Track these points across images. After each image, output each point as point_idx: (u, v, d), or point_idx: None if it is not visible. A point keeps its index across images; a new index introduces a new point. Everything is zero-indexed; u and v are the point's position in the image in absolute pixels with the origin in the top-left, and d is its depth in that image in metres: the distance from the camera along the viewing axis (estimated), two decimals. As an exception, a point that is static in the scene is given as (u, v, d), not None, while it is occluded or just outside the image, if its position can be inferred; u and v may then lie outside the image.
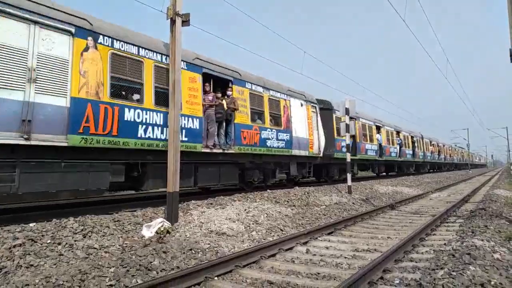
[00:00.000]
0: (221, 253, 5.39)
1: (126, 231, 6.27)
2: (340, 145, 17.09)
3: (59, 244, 5.20)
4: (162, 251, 5.11)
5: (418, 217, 9.15)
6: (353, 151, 17.83)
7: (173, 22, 7.49)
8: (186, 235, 6.32)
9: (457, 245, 5.22)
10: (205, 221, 7.08)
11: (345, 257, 5.34)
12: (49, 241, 5.21)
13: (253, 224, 7.26)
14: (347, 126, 13.49)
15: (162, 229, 6.24)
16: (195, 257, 5.13)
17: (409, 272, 4.50)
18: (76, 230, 5.74)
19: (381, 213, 9.69)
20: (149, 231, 6.22)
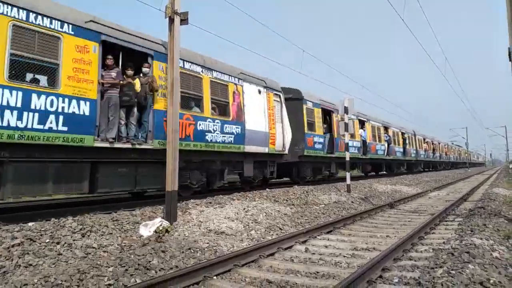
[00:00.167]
0: (220, 252, 5.38)
1: (125, 231, 6.26)
2: (313, 141, 15.06)
3: (57, 243, 5.18)
4: (160, 250, 5.10)
5: (417, 215, 9.15)
6: (329, 148, 16.57)
7: (171, 20, 7.46)
8: (185, 234, 6.31)
9: (456, 244, 5.22)
10: (204, 220, 7.07)
11: (344, 256, 5.34)
12: (47, 240, 5.20)
13: (252, 223, 7.26)
14: (346, 125, 13.48)
15: (160, 229, 6.23)
16: (194, 256, 5.13)
17: (408, 270, 4.50)
18: (74, 229, 5.72)
19: (380, 211, 9.69)
20: (147, 230, 6.21)
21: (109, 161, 7.64)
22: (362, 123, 20.97)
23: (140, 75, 8.28)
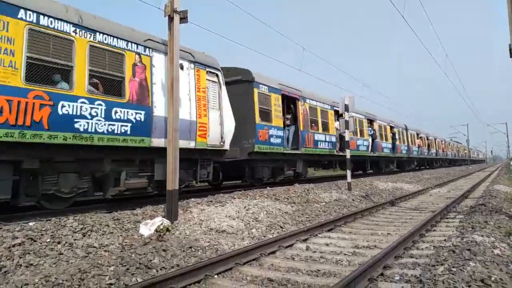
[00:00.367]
0: (221, 251, 5.39)
1: (126, 230, 6.27)
2: (267, 134, 12.07)
3: (58, 243, 5.18)
4: (162, 249, 5.10)
5: (418, 213, 9.15)
6: (294, 143, 14.00)
7: (171, 19, 7.45)
8: (186, 233, 6.32)
9: (457, 241, 5.21)
10: (205, 218, 7.08)
11: (345, 254, 5.33)
12: (48, 240, 5.20)
13: (253, 221, 7.26)
14: (346, 122, 13.47)
15: (161, 227, 6.23)
16: (195, 255, 5.13)
17: (409, 268, 4.49)
18: (75, 229, 5.72)
19: (381, 209, 9.69)
20: (147, 229, 6.21)
21: None
22: (339, 114, 16.92)
23: None
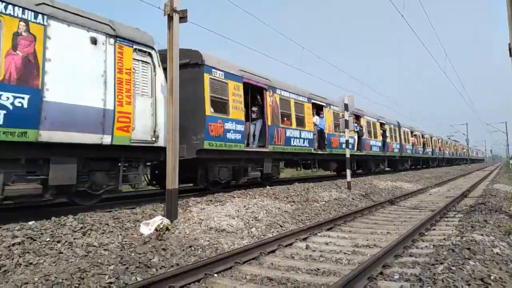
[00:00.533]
0: (220, 250, 5.39)
1: (126, 229, 6.26)
2: (222, 128, 10.10)
3: (58, 242, 5.19)
4: (161, 248, 5.11)
5: (417, 212, 9.16)
6: (262, 140, 12.15)
7: (170, 18, 7.43)
8: (185, 232, 6.32)
9: (456, 240, 5.22)
10: (204, 218, 7.07)
11: (344, 253, 5.34)
12: (48, 239, 5.20)
13: (252, 220, 7.26)
14: (346, 122, 13.47)
15: (161, 226, 6.23)
16: (195, 254, 5.13)
17: (408, 267, 4.49)
18: (75, 228, 5.72)
19: (380, 208, 9.69)
20: (147, 228, 6.21)
21: None
22: (318, 108, 15.92)
23: None
